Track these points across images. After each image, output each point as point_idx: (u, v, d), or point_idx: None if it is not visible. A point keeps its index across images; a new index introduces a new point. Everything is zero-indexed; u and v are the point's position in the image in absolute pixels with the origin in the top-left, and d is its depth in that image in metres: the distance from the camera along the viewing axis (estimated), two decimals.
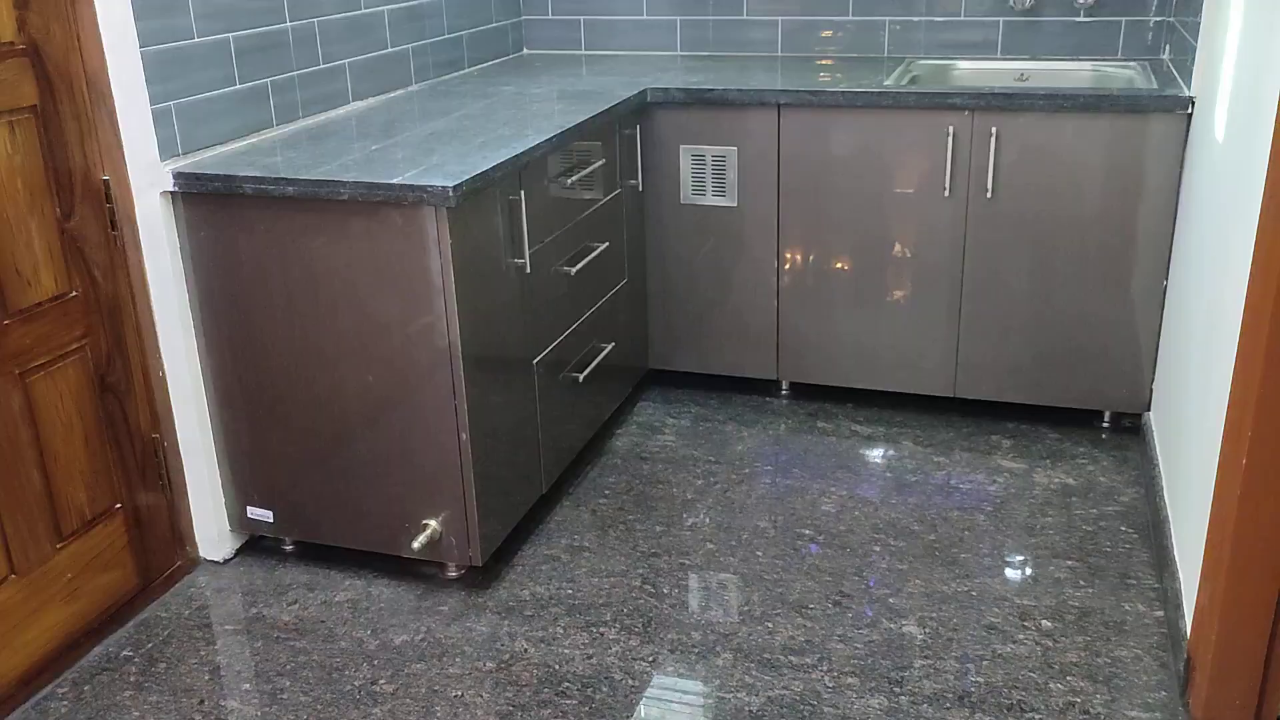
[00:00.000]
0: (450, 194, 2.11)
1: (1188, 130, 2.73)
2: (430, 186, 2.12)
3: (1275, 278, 1.77)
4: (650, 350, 3.36)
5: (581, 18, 3.73)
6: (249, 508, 2.55)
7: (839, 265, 3.10)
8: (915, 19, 3.42)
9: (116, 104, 2.19)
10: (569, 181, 2.67)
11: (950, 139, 2.89)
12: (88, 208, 2.19)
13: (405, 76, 3.13)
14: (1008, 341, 3.04)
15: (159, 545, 2.46)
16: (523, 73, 3.42)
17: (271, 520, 2.55)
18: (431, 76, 3.26)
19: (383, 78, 3.02)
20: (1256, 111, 1.97)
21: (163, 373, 2.40)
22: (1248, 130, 2.04)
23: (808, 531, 2.64)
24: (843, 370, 3.22)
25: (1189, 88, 2.72)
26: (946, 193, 2.94)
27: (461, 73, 3.42)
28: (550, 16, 3.76)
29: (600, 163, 2.85)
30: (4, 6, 1.99)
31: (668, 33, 3.66)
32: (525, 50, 3.82)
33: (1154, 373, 2.95)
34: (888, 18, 3.44)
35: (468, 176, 2.17)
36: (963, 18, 3.38)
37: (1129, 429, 3.08)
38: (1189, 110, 2.70)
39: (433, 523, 2.40)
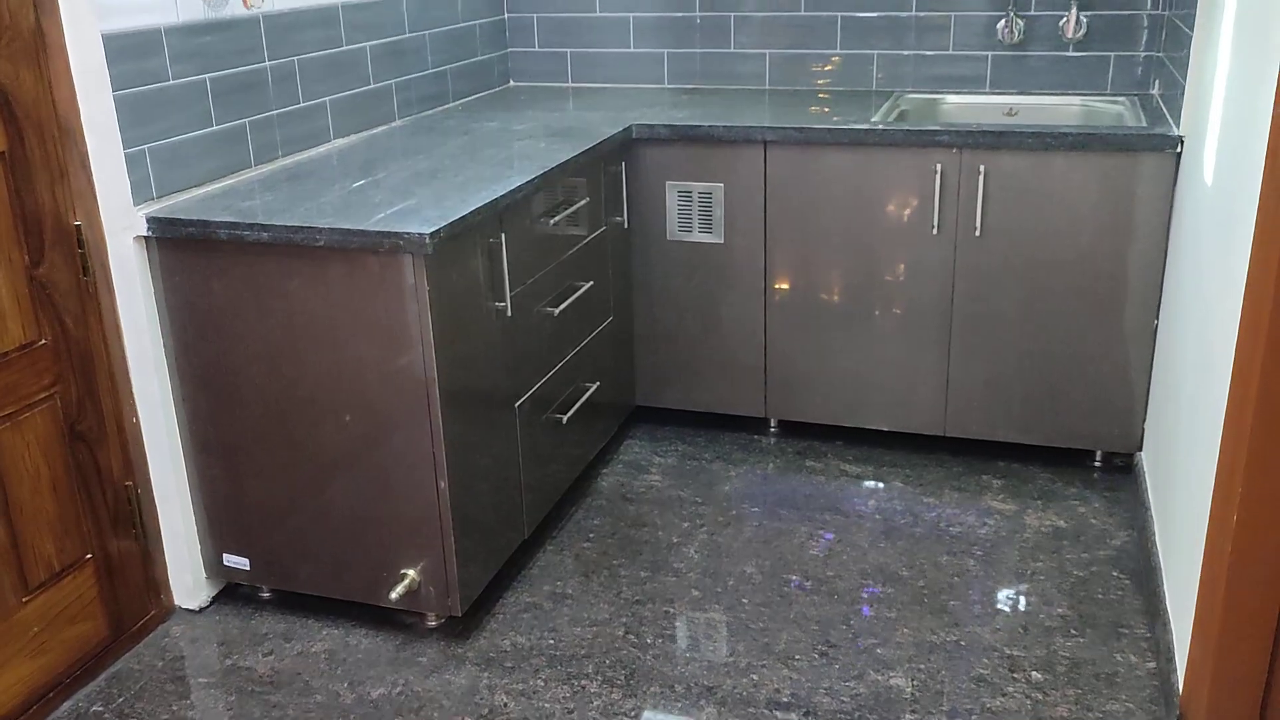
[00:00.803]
0: (427, 241, 2.07)
1: (1177, 169, 2.70)
2: (407, 233, 2.08)
3: (1265, 327, 1.73)
4: (637, 387, 3.32)
5: (568, 50, 3.71)
6: (225, 555, 2.51)
7: (827, 302, 3.07)
8: (904, 53, 3.40)
9: (89, 148, 2.16)
10: (552, 222, 2.63)
11: (938, 176, 2.86)
12: (58, 254, 2.15)
13: (388, 112, 3.10)
14: (998, 380, 3.00)
15: (132, 594, 2.41)
16: (508, 107, 3.39)
17: (248, 568, 2.50)
18: (415, 111, 3.23)
19: (364, 115, 2.99)
20: (1245, 157, 1.94)
21: (136, 419, 2.36)
22: (1236, 175, 2.01)
23: (795, 577, 2.60)
24: (832, 408, 3.18)
25: (1178, 126, 2.69)
26: (935, 230, 2.91)
27: (445, 107, 3.39)
28: (536, 49, 3.74)
29: (584, 201, 2.82)
30: None
31: (655, 65, 3.64)
32: (511, 83, 3.79)
33: (1146, 412, 2.91)
34: (876, 51, 3.42)
35: (445, 223, 2.13)
36: (951, 52, 3.35)
37: (1121, 468, 3.04)
38: (1178, 149, 2.67)
39: (411, 573, 2.35)
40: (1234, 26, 2.18)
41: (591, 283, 2.87)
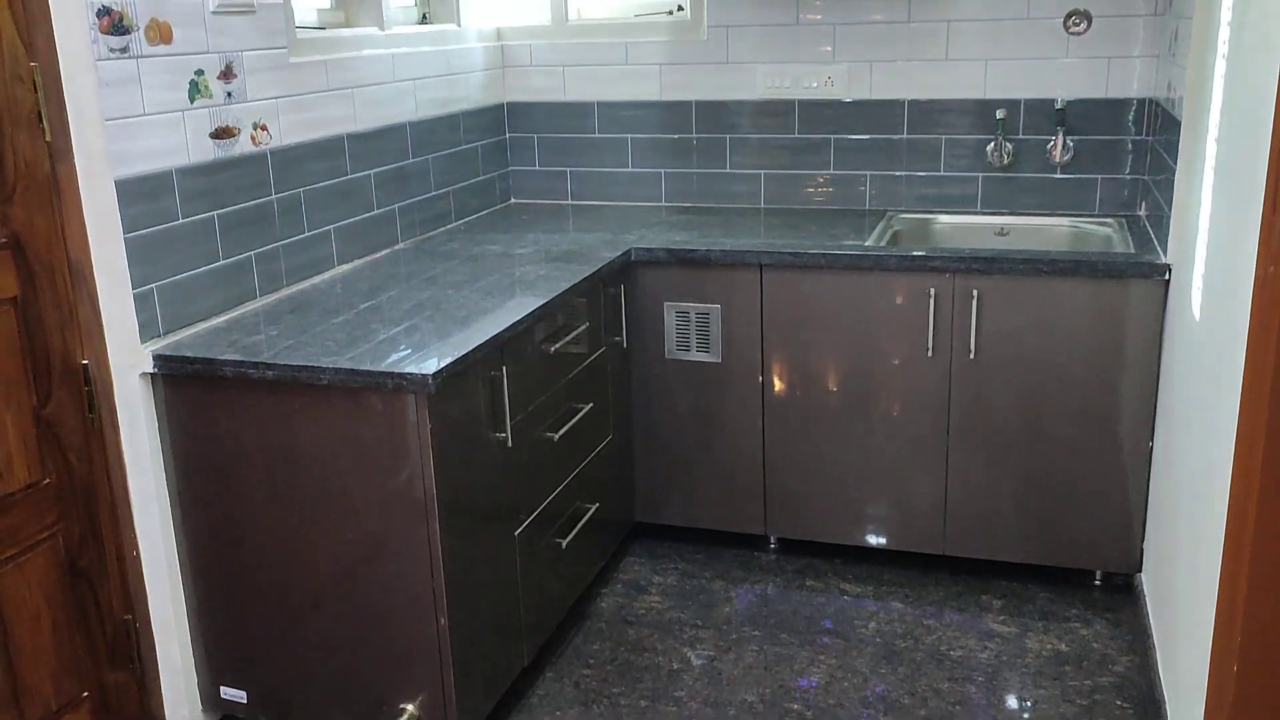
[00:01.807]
0: (430, 382, 2.10)
1: (1166, 295, 2.75)
2: (411, 374, 2.11)
3: (1257, 473, 1.76)
4: (636, 504, 3.33)
5: (568, 169, 3.79)
6: (222, 688, 2.49)
7: (824, 421, 3.10)
8: (896, 173, 3.48)
9: (99, 288, 2.20)
10: (553, 349, 2.67)
11: (932, 300, 2.91)
12: (65, 392, 2.18)
13: (391, 236, 3.16)
14: (996, 500, 3.01)
15: None
16: (509, 227, 3.46)
17: (245, 701, 2.48)
18: (418, 234, 3.29)
19: (368, 240, 3.05)
20: (1231, 297, 1.98)
21: (137, 553, 2.36)
22: (1224, 315, 2.05)
23: (796, 706, 2.58)
24: (831, 526, 3.18)
25: (1165, 253, 2.75)
26: (930, 353, 2.95)
27: (448, 227, 3.45)
28: (537, 168, 3.82)
29: (584, 325, 2.86)
30: None
31: (653, 185, 3.72)
32: (513, 200, 3.87)
33: (1144, 534, 2.92)
34: (869, 172, 3.50)
35: (448, 362, 2.16)
36: (942, 173, 3.43)
37: (1122, 588, 3.03)
38: (1166, 276, 2.72)
39: (410, 707, 2.34)
40: (1215, 164, 2.24)
41: (591, 404, 2.90)
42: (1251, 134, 1.89)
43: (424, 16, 3.49)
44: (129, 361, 2.27)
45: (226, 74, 2.47)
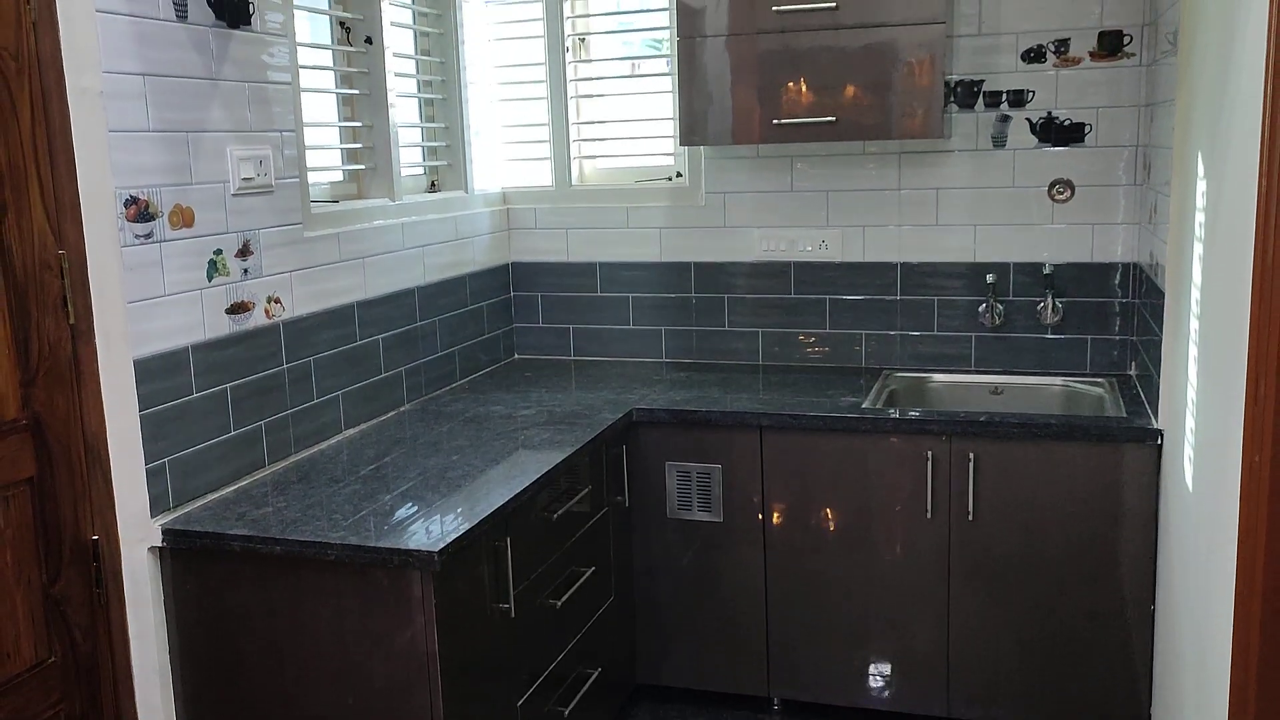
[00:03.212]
0: (436, 559, 2.13)
1: (1159, 459, 2.80)
2: (417, 552, 2.14)
3: (1256, 649, 1.77)
4: (638, 665, 3.30)
5: (571, 326, 3.89)
6: None
7: (826, 581, 3.10)
8: (890, 332, 3.57)
9: (112, 465, 2.25)
10: (555, 515, 2.70)
11: (930, 463, 2.95)
12: (75, 570, 2.21)
13: (398, 398, 3.22)
14: (998, 661, 3.00)
15: None
16: (513, 385, 3.53)
17: None
18: (424, 394, 3.36)
19: (375, 403, 3.11)
20: (1221, 478, 2.02)
21: None
22: (1215, 495, 2.09)
23: None
24: (834, 687, 3.16)
25: (1156, 418, 2.81)
26: (929, 514, 2.98)
27: (453, 386, 3.52)
28: (540, 325, 3.91)
29: (587, 489, 2.89)
30: (10, 384, 2.07)
31: (653, 341, 3.80)
32: (516, 356, 3.95)
33: (1150, 697, 2.90)
34: (864, 331, 3.59)
35: (454, 539, 2.19)
36: (936, 332, 3.52)
37: None
38: (1159, 442, 2.78)
39: None
40: (1198, 338, 2.31)
41: (594, 568, 2.91)
42: (1231, 322, 1.96)
43: (433, 184, 3.62)
44: (138, 536, 2.30)
45: (244, 251, 2.57)
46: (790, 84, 3.22)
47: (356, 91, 3.17)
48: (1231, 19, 2.04)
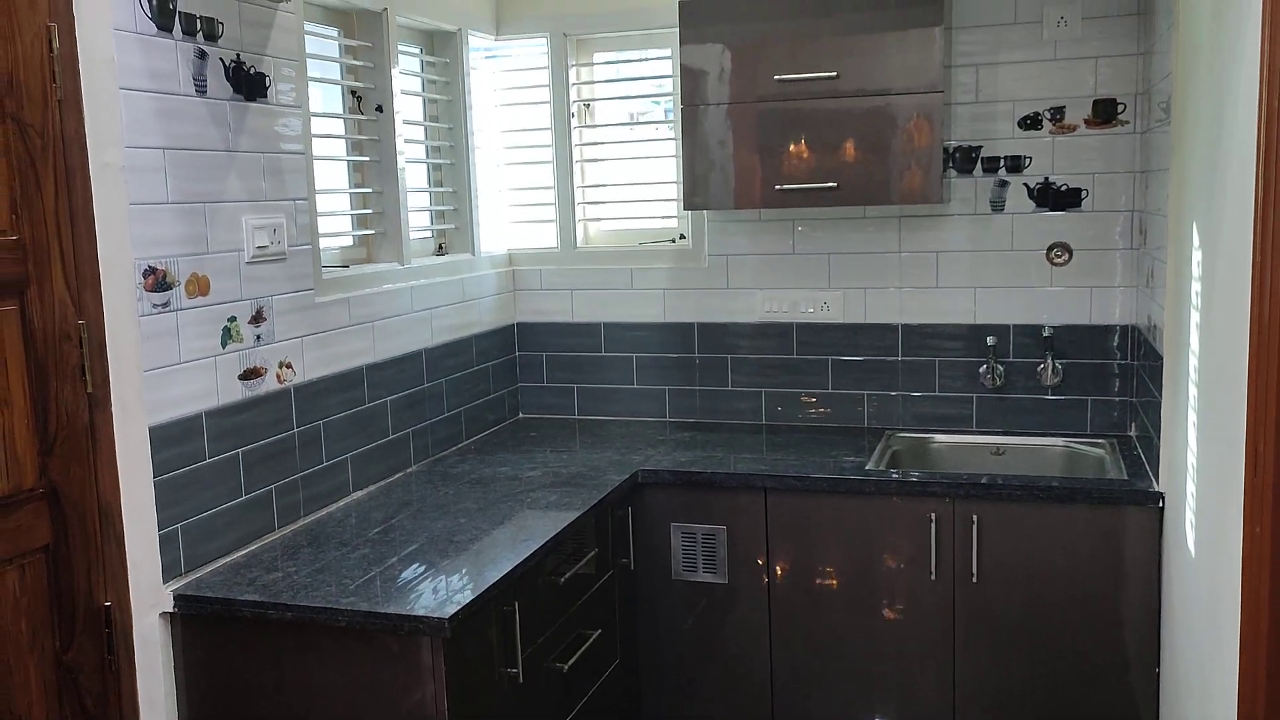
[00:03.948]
0: (446, 626, 2.15)
1: (1161, 521, 2.82)
2: (427, 619, 2.16)
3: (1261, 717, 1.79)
4: None
5: (575, 386, 3.92)
6: None
7: (831, 642, 3.11)
8: (893, 393, 3.60)
9: (125, 531, 2.27)
10: (562, 579, 2.72)
11: (933, 525, 2.97)
12: (87, 636, 2.22)
13: (405, 460, 3.25)
14: (1005, 718, 3.01)
15: None
16: (518, 445, 3.55)
17: None
18: (430, 455, 3.38)
19: (383, 464, 3.14)
20: (1222, 546, 2.05)
21: None
22: (1217, 564, 2.11)
23: None
24: None
25: (1157, 480, 2.84)
26: (933, 576, 3.00)
27: (459, 446, 3.54)
28: (545, 384, 3.95)
29: (593, 551, 2.91)
30: (29, 454, 2.10)
31: (657, 401, 3.84)
32: (521, 415, 3.98)
33: None
34: (866, 391, 3.63)
35: (463, 605, 2.21)
36: (938, 393, 3.56)
37: None
38: (1160, 505, 2.80)
39: None
40: (1196, 405, 2.35)
41: (600, 630, 2.92)
42: (1229, 394, 1.99)
43: (440, 247, 3.68)
44: (150, 601, 2.32)
45: (257, 318, 2.61)
46: (791, 149, 3.29)
47: (367, 158, 3.24)
48: (1222, 93, 2.10)
